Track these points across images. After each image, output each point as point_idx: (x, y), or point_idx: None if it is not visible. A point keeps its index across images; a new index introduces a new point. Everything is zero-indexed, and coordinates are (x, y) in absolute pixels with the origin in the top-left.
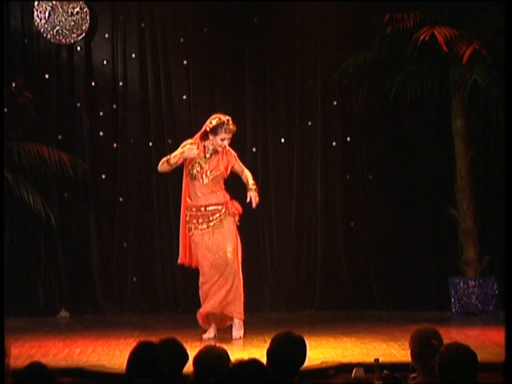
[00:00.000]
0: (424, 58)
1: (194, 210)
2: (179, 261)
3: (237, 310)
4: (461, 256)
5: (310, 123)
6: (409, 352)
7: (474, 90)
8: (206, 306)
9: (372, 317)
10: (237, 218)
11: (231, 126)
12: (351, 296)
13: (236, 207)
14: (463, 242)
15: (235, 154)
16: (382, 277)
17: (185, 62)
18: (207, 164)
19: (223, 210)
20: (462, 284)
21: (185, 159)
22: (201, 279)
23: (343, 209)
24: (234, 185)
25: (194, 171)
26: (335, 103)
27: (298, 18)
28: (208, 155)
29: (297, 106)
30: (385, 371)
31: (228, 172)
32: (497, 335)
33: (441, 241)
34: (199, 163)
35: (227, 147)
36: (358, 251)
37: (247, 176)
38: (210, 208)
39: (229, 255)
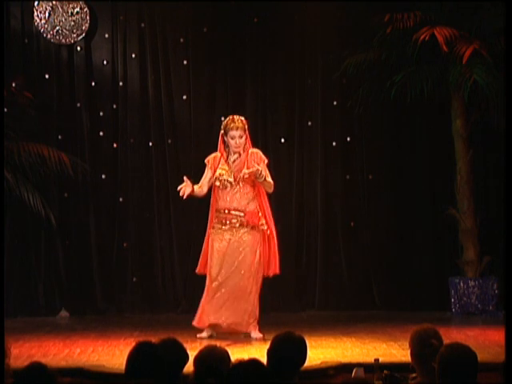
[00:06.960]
0: (424, 58)
1: (221, 212)
2: (197, 270)
3: (245, 324)
4: (461, 256)
5: (310, 123)
6: (409, 352)
7: (474, 90)
8: (210, 318)
9: (372, 317)
10: (262, 228)
11: (235, 123)
12: (351, 296)
13: (257, 218)
14: (463, 242)
15: (265, 160)
16: (382, 277)
17: (185, 62)
18: (232, 168)
19: (243, 218)
20: (461, 284)
21: (211, 169)
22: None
23: (343, 209)
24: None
25: (221, 177)
26: (335, 103)
27: (297, 17)
28: (232, 159)
29: (297, 106)
30: (385, 371)
31: None
32: (497, 335)
33: (441, 241)
34: (225, 168)
35: (245, 145)
36: (358, 251)
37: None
38: (233, 212)
39: (242, 272)
